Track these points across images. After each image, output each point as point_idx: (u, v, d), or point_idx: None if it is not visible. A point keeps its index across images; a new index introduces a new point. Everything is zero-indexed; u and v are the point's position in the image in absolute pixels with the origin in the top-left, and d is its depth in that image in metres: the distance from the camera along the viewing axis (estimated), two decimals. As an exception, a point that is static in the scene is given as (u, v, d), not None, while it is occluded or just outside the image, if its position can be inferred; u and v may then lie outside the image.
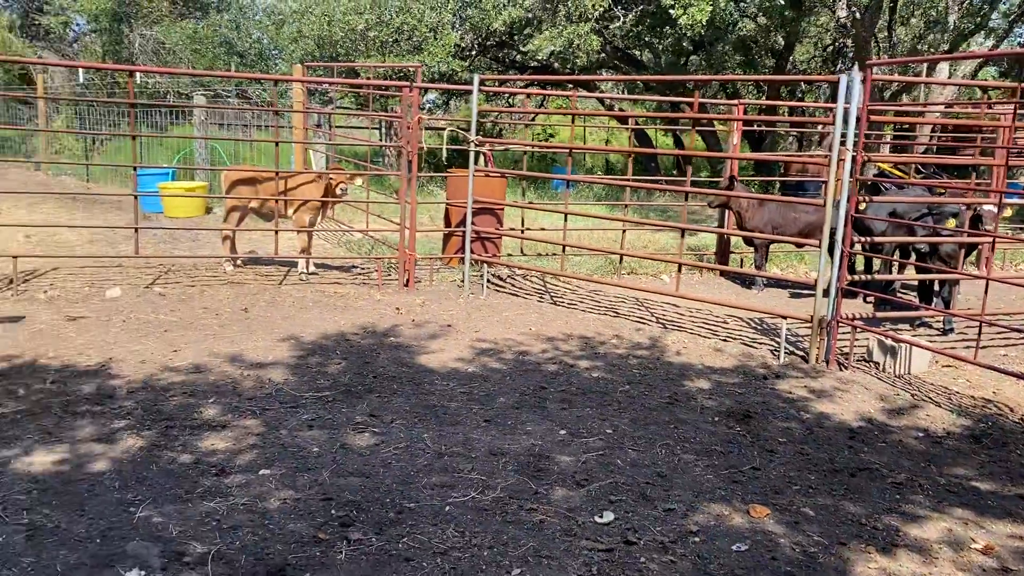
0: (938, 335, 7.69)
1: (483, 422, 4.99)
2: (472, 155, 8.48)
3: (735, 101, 9.72)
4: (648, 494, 4.12)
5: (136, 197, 7.95)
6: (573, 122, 8.95)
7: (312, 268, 9.00)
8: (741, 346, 7.06)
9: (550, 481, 4.21)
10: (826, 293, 6.52)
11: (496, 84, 16.14)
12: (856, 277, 8.34)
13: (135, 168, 7.60)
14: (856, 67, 6.74)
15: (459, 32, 16.49)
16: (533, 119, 21.97)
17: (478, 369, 6.02)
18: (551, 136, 23.24)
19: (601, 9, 14.77)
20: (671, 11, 13.50)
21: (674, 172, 21.57)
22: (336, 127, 14.82)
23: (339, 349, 6.32)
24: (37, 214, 11.89)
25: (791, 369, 6.42)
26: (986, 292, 6.29)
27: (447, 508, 3.87)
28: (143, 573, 3.21)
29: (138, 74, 18.04)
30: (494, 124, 22.74)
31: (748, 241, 9.61)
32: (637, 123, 19.52)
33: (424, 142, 8.72)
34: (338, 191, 8.60)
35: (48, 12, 21.55)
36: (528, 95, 13.81)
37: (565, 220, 8.65)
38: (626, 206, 10.15)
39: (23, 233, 10.08)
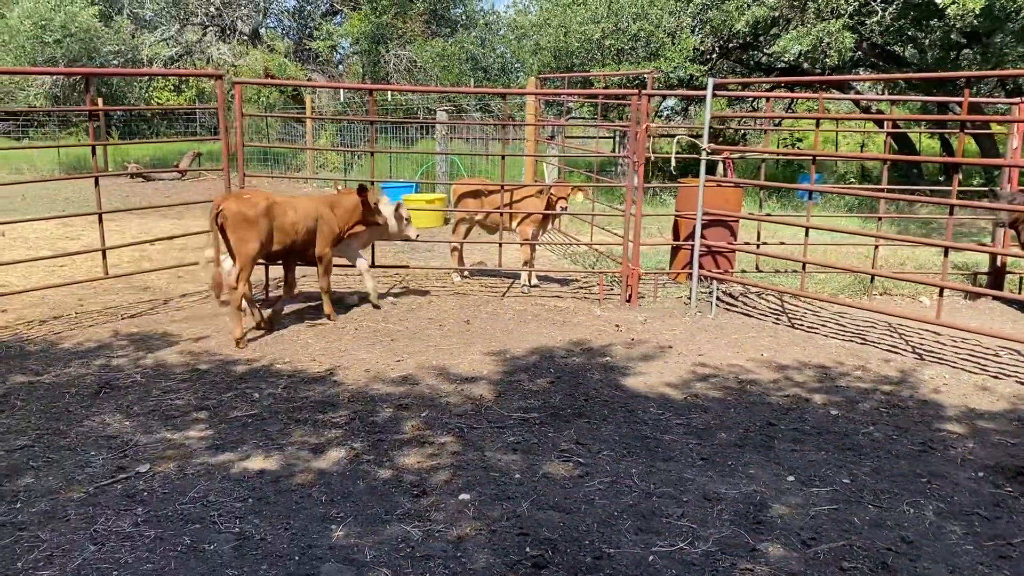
0: None
1: (699, 460, 4.57)
2: (704, 163, 8.00)
3: (1017, 99, 8.40)
4: (889, 563, 3.52)
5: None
6: (818, 126, 8.17)
7: (535, 281, 8.94)
8: (1016, 385, 6.02)
9: (770, 536, 3.73)
10: None
11: (735, 88, 15.35)
12: None
13: (372, 182, 7.91)
14: None
15: (699, 36, 15.88)
16: (778, 124, 20.76)
17: (698, 398, 5.58)
18: (799, 141, 21.83)
19: (856, 4, 13.55)
20: (938, 1, 12.07)
21: (940, 179, 19.43)
22: (570, 138, 14.86)
23: (552, 367, 6.15)
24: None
25: (1082, 418, 5.36)
26: None
27: (650, 558, 3.52)
28: (332, 597, 3.18)
29: (390, 92, 19.20)
30: (736, 131, 21.79)
31: None
32: (896, 126, 17.79)
33: (662, 151, 8.38)
34: (559, 207, 8.45)
35: (317, 37, 23.63)
36: (768, 99, 12.93)
37: (807, 234, 7.91)
38: (879, 218, 9.11)
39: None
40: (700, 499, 4.08)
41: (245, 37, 23.78)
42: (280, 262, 7.25)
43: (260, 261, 6.89)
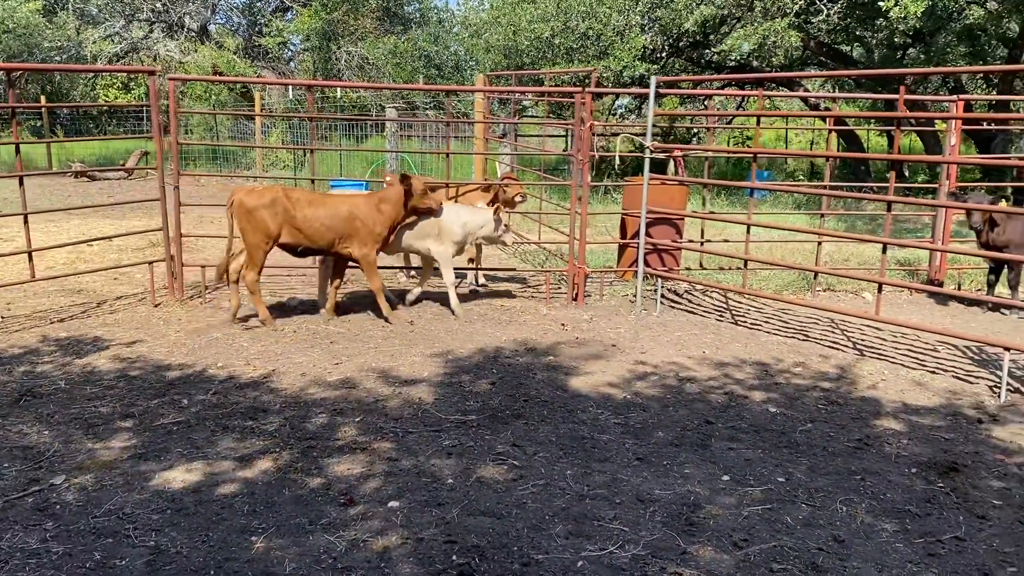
0: None
1: (635, 460, 4.52)
2: (647, 162, 7.97)
3: (953, 97, 8.52)
4: (819, 564, 3.50)
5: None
6: (758, 124, 8.21)
7: (482, 280, 8.86)
8: (952, 380, 6.09)
9: (702, 538, 3.69)
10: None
11: (679, 86, 15.41)
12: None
13: (313, 180, 7.76)
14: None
15: (648, 35, 15.92)
16: (729, 122, 20.94)
17: (638, 397, 5.54)
18: (748, 140, 22.04)
19: (801, 3, 13.68)
20: (880, 2, 12.24)
21: (887, 176, 19.75)
22: (523, 136, 14.78)
23: (495, 367, 6.07)
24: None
25: (1013, 412, 5.42)
26: None
27: (579, 563, 3.45)
28: (247, 613, 3.06)
29: (339, 88, 18.97)
30: (688, 129, 21.90)
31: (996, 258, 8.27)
32: (840, 123, 18.05)
33: (617, 149, 8.34)
34: (516, 200, 8.37)
35: (267, 34, 23.25)
36: (709, 96, 13.00)
37: (748, 231, 7.93)
38: (823, 215, 9.19)
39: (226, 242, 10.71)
40: (634, 500, 4.03)
41: (193, 34, 23.32)
42: (314, 255, 7.24)
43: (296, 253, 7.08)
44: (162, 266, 7.81)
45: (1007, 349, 5.87)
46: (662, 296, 8.23)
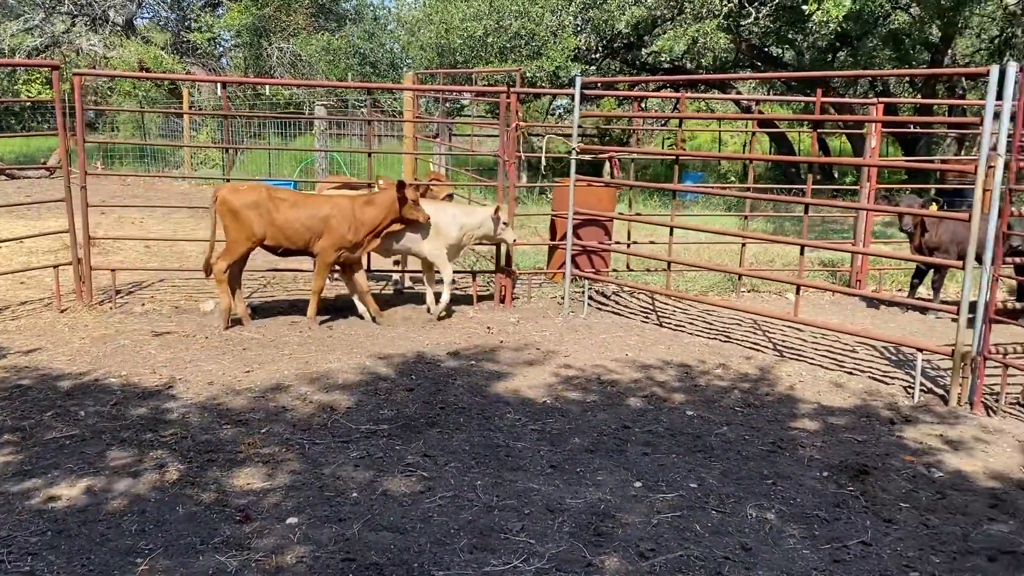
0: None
1: (548, 468, 4.43)
2: (573, 163, 7.92)
3: (873, 100, 8.66)
4: (724, 573, 3.44)
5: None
6: (680, 125, 8.22)
7: (408, 282, 8.70)
8: (869, 381, 6.15)
9: (609, 548, 3.61)
10: (972, 322, 5.55)
11: (602, 87, 15.43)
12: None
13: (227, 179, 7.51)
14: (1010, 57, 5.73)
15: (583, 35, 15.91)
16: (664, 123, 21.09)
17: (558, 402, 5.46)
18: (683, 141, 22.24)
19: (730, 5, 13.82)
20: (804, 6, 12.43)
21: (819, 179, 20.12)
22: (457, 135, 14.65)
23: (414, 373, 5.92)
24: (167, 224, 12.24)
25: (925, 412, 5.48)
26: None
27: (480, 579, 3.34)
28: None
29: (267, 86, 18.57)
30: (624, 131, 22.01)
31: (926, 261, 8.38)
32: (770, 125, 18.33)
33: (558, 150, 8.27)
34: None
35: (196, 29, 22.62)
36: (641, 98, 12.97)
37: (671, 233, 7.92)
38: (746, 217, 9.27)
39: (144, 243, 10.35)
40: (543, 511, 3.93)
41: (119, 28, 22.56)
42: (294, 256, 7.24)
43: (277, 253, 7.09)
44: (69, 270, 7.48)
45: (920, 350, 5.95)
46: (590, 298, 8.19)
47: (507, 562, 3.47)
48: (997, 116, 5.24)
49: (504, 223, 7.48)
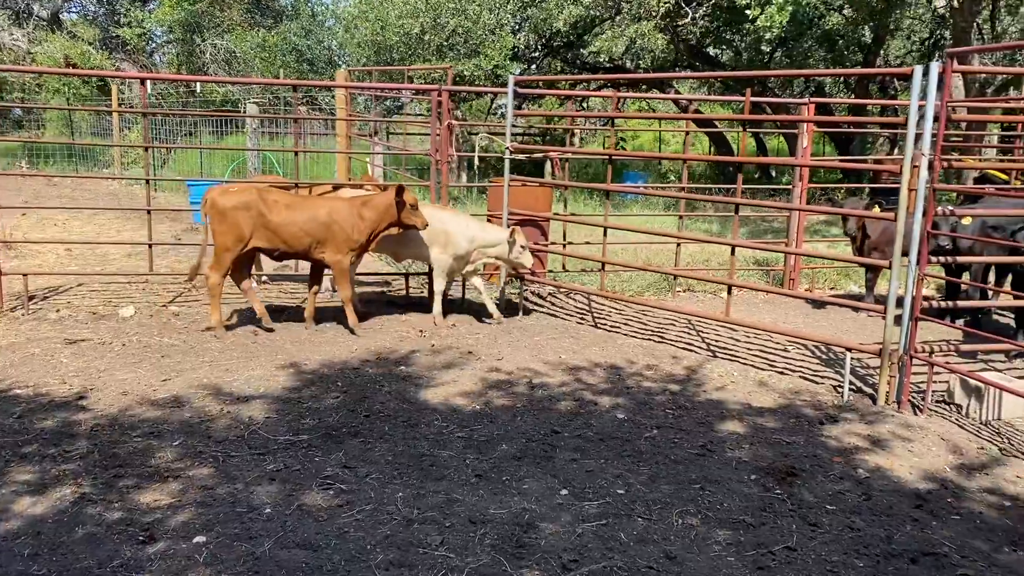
0: (1038, 369, 6.60)
1: (473, 477, 4.31)
2: (507, 163, 7.81)
3: (804, 100, 8.74)
4: (648, 583, 3.36)
5: (149, 212, 7.59)
6: (612, 125, 8.19)
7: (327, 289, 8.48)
8: (798, 380, 6.17)
9: (531, 561, 3.50)
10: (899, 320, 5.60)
11: (536, 86, 15.39)
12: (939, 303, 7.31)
13: (148, 180, 7.23)
14: (936, 59, 5.80)
15: (521, 34, 15.83)
16: (606, 123, 21.16)
17: (487, 407, 5.34)
18: (623, 141, 22.33)
19: (667, 6, 13.87)
20: (747, 11, 12.55)
21: (756, 177, 20.40)
22: (395, 134, 14.41)
23: (340, 380, 5.75)
24: (91, 226, 11.80)
25: (851, 412, 5.50)
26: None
27: (395, 597, 3.20)
28: None
29: (198, 83, 18.10)
30: (567, 130, 22.02)
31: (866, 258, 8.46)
32: (701, 124, 18.52)
33: (500, 149, 8.13)
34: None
35: (126, 25, 21.96)
36: (578, 97, 12.96)
37: (605, 234, 7.87)
38: (681, 217, 9.28)
39: (64, 247, 9.95)
40: (465, 523, 3.81)
41: (44, 22, 21.79)
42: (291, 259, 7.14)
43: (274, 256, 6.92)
44: (-23, 275, 7.11)
45: (849, 349, 5.98)
46: (526, 299, 8.09)
47: (424, 578, 3.34)
48: (923, 116, 5.28)
49: (522, 246, 7.29)
